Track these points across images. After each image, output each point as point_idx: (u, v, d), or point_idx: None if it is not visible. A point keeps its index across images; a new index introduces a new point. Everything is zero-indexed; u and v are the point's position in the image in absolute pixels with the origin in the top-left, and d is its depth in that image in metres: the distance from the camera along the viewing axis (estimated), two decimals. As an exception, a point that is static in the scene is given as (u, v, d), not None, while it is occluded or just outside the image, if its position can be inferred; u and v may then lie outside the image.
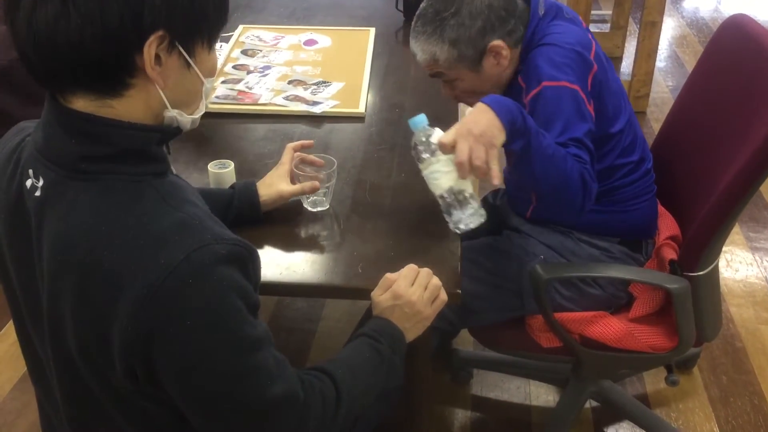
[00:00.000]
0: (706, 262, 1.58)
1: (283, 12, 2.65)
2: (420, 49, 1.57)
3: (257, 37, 2.37)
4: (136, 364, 0.91)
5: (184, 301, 0.88)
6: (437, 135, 1.34)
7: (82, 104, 0.92)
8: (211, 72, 1.00)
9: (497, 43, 1.54)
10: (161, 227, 0.90)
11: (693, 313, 1.58)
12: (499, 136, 1.30)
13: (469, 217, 1.36)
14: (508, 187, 1.87)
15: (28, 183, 0.96)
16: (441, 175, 1.34)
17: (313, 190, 1.47)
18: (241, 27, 2.44)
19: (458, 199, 1.36)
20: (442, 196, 1.36)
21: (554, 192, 1.39)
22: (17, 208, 0.99)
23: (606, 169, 1.64)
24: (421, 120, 1.37)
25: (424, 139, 1.35)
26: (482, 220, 1.36)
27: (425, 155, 1.35)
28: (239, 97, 1.98)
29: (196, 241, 0.90)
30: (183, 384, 0.94)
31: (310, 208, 1.52)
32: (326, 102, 1.94)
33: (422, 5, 1.59)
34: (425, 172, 1.37)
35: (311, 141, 1.58)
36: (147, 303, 0.87)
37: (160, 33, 0.89)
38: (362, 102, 1.95)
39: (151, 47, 0.89)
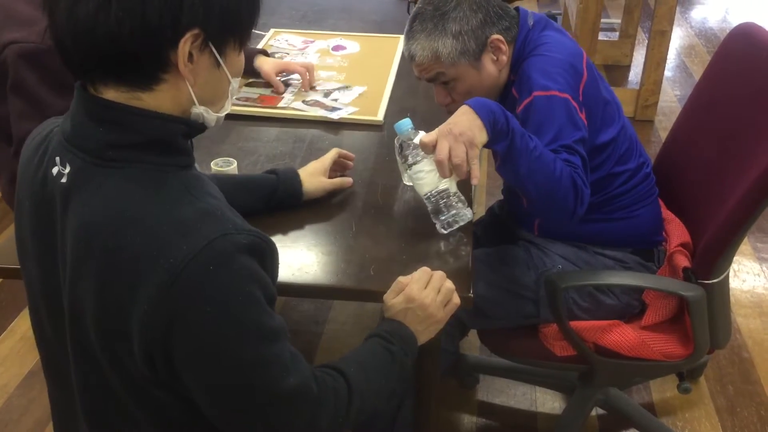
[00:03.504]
0: (720, 270, 1.58)
1: (294, 15, 2.66)
2: (420, 47, 1.56)
3: (286, 41, 2.38)
4: (154, 349, 0.92)
5: (204, 287, 0.89)
6: (421, 137, 1.37)
7: (112, 95, 0.94)
8: (238, 72, 1.02)
9: (497, 36, 1.56)
10: (184, 215, 0.92)
11: (707, 320, 1.58)
12: (480, 136, 1.31)
13: (455, 217, 1.41)
14: (511, 207, 1.87)
15: (54, 170, 0.98)
16: (424, 175, 1.39)
17: (349, 185, 1.59)
18: (272, 30, 2.46)
19: (443, 199, 1.41)
20: (427, 197, 1.42)
21: (543, 194, 1.39)
22: (42, 197, 1.01)
23: (604, 178, 1.64)
24: (405, 123, 1.43)
25: (408, 141, 1.42)
26: (469, 218, 1.42)
27: (410, 158, 1.41)
28: (259, 100, 1.99)
29: (218, 230, 0.91)
30: (199, 371, 0.94)
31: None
32: (345, 108, 1.94)
33: (417, 6, 1.60)
34: (410, 173, 1.42)
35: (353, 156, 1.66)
36: (168, 288, 0.88)
37: (195, 31, 0.91)
38: (381, 110, 1.94)
39: (185, 44, 0.91)
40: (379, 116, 1.92)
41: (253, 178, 1.53)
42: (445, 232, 1.43)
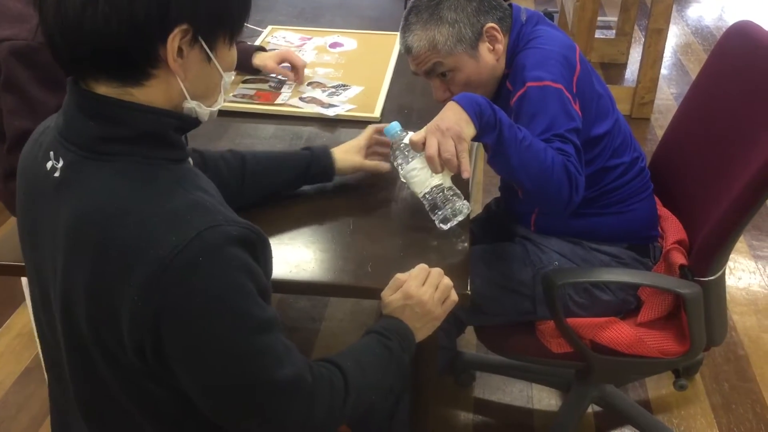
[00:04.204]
0: (717, 268, 1.58)
1: (291, 11, 2.66)
2: (417, 38, 1.57)
3: (283, 38, 2.38)
4: (145, 340, 0.92)
5: (194, 278, 0.89)
6: (410, 136, 1.39)
7: (103, 90, 0.94)
8: (230, 67, 1.02)
9: (492, 24, 1.58)
10: (174, 206, 0.92)
11: (704, 317, 1.58)
12: (467, 129, 1.33)
13: (452, 211, 1.41)
14: (508, 204, 1.87)
15: (48, 165, 0.99)
16: (417, 173, 1.40)
17: (386, 170, 1.58)
18: (269, 27, 2.46)
19: (438, 194, 1.41)
20: (423, 195, 1.42)
21: (537, 184, 1.40)
22: (38, 191, 1.01)
23: (598, 172, 1.65)
24: (394, 126, 1.45)
25: (400, 143, 1.43)
26: (467, 211, 1.42)
27: (402, 159, 1.42)
28: (256, 96, 1.98)
29: (208, 221, 0.91)
30: (190, 362, 0.94)
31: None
32: (342, 105, 1.94)
33: (413, 0, 1.61)
34: (404, 174, 1.43)
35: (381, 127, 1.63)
36: (157, 279, 0.88)
37: (184, 26, 0.91)
38: (378, 107, 1.94)
39: (174, 40, 0.91)
40: (376, 113, 1.91)
41: (287, 154, 1.56)
42: (446, 227, 1.42)
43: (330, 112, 1.90)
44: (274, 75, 2.07)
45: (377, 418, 1.48)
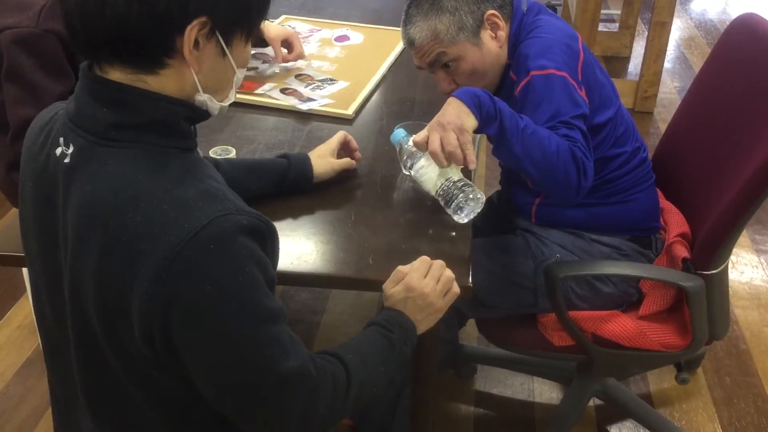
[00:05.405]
0: (719, 261, 1.58)
1: (294, 2, 2.65)
2: (419, 29, 1.57)
3: (293, 28, 2.36)
4: (154, 327, 0.92)
5: (204, 266, 0.90)
6: (413, 138, 1.40)
7: (117, 76, 0.95)
8: (244, 63, 1.03)
9: (493, 11, 1.58)
10: (185, 194, 0.93)
11: (706, 311, 1.58)
12: (468, 121, 1.34)
13: (468, 204, 1.40)
14: (509, 196, 1.87)
15: (58, 151, 0.99)
16: (425, 170, 1.41)
17: (358, 160, 1.60)
18: (283, 17, 2.45)
19: (449, 187, 1.40)
20: (437, 192, 1.41)
21: (543, 171, 1.40)
22: (44, 177, 1.02)
23: (600, 160, 1.64)
24: (399, 133, 1.50)
25: (406, 146, 1.45)
26: (481, 201, 1.41)
27: (410, 161, 1.44)
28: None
29: (219, 210, 0.92)
30: (198, 350, 0.94)
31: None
32: (320, 100, 1.92)
33: None
34: (414, 175, 1.44)
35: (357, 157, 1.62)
36: (168, 266, 0.89)
37: (203, 19, 0.92)
38: (354, 105, 1.89)
39: (192, 31, 0.92)
40: (350, 110, 1.87)
41: (264, 161, 1.54)
42: (464, 219, 1.41)
43: (304, 107, 1.88)
44: (280, 63, 2.06)
45: (379, 411, 1.48)
